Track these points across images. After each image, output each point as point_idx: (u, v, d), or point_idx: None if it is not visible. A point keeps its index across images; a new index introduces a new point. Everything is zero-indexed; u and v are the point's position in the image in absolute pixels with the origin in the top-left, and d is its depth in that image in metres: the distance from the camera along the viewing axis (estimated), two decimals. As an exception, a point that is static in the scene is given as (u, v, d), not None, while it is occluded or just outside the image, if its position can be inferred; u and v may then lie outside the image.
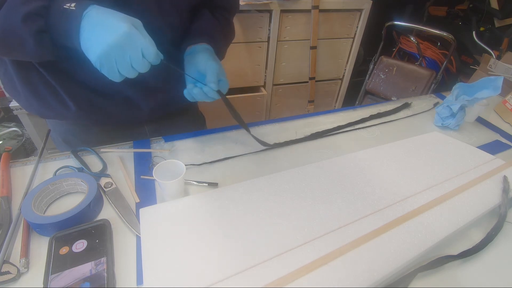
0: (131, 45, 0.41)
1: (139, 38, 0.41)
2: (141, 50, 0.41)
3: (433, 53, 2.11)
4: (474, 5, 2.18)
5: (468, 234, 0.50)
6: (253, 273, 0.39)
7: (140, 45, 0.41)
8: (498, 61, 1.21)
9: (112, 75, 0.43)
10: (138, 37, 0.41)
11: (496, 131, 0.81)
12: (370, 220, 0.47)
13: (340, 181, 0.56)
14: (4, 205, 0.47)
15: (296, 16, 1.52)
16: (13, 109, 1.27)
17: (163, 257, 0.40)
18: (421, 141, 0.71)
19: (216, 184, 0.55)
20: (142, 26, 0.43)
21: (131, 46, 0.41)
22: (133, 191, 0.53)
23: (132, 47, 0.41)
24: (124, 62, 0.41)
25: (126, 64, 0.42)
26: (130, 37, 0.40)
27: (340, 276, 0.39)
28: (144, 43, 0.41)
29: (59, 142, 0.69)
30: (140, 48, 0.41)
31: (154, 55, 0.43)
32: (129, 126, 0.68)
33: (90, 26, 0.40)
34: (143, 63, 0.43)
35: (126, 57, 0.41)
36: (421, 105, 0.91)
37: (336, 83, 1.92)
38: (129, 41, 0.40)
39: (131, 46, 0.41)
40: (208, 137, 0.69)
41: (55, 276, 0.37)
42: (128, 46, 0.40)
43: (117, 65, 0.41)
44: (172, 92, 0.64)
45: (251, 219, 0.47)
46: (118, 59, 0.41)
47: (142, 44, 0.41)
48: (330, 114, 0.82)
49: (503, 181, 0.57)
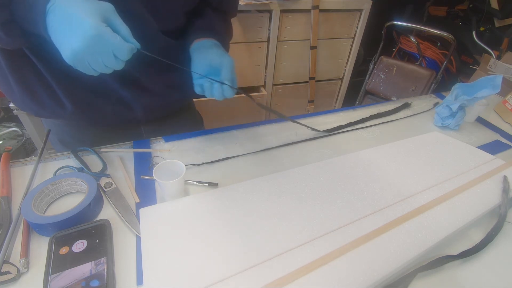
0: (100, 49, 0.38)
1: (108, 39, 0.38)
2: (112, 52, 0.39)
3: (433, 53, 2.11)
4: (474, 5, 2.18)
5: (468, 234, 0.50)
6: (253, 273, 0.39)
7: (110, 47, 0.39)
8: (498, 61, 1.21)
9: (88, 72, 0.41)
10: (107, 39, 0.38)
11: (496, 131, 0.81)
12: (370, 220, 0.47)
13: (340, 181, 0.56)
14: (4, 205, 0.47)
15: (296, 16, 1.52)
16: (13, 109, 1.27)
17: (163, 257, 0.40)
18: (421, 141, 0.71)
19: (216, 184, 0.55)
20: (114, 12, 0.40)
21: (100, 50, 0.39)
22: (133, 191, 0.53)
23: (102, 51, 0.39)
24: (96, 63, 0.40)
25: (99, 64, 0.40)
26: (98, 40, 0.37)
27: (340, 276, 0.39)
28: (114, 44, 0.39)
29: (55, 142, 0.69)
30: (111, 50, 0.39)
31: (127, 52, 0.41)
32: (124, 127, 0.68)
33: (56, 20, 0.38)
34: (117, 62, 0.41)
35: (98, 59, 0.39)
36: (421, 105, 0.91)
37: (336, 83, 1.92)
38: (97, 45, 0.38)
39: (100, 50, 0.38)
40: (208, 137, 0.69)
41: (55, 276, 0.37)
42: (97, 51, 0.38)
43: (91, 65, 0.40)
44: (167, 92, 0.64)
45: (251, 219, 0.46)
46: (90, 61, 0.39)
47: (112, 45, 0.39)
48: (330, 114, 0.82)
49: (503, 181, 0.57)
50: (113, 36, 0.39)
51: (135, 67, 0.55)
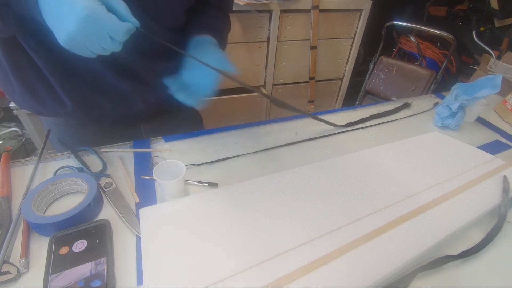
0: (95, 30, 0.37)
1: (102, 20, 0.37)
2: (107, 33, 0.38)
3: (433, 53, 2.11)
4: (474, 5, 2.18)
5: (468, 234, 0.50)
6: (253, 273, 0.39)
7: (105, 27, 0.37)
8: (498, 61, 1.21)
9: (85, 54, 0.40)
10: (101, 19, 0.37)
11: (496, 131, 0.81)
12: (370, 220, 0.47)
13: (340, 181, 0.56)
14: (4, 205, 0.47)
15: (296, 16, 1.52)
16: (13, 109, 1.27)
17: (163, 257, 0.40)
18: (421, 141, 0.71)
19: (216, 184, 0.55)
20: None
21: (95, 31, 0.37)
22: (133, 191, 0.53)
23: (97, 33, 0.37)
24: (93, 45, 0.38)
25: (95, 46, 0.39)
26: (91, 21, 0.36)
27: (340, 276, 0.39)
28: (108, 24, 0.37)
29: (55, 142, 0.69)
30: (106, 31, 0.38)
31: (124, 33, 0.39)
32: (124, 124, 0.68)
33: (49, 2, 0.37)
34: (114, 44, 0.40)
35: (94, 41, 0.38)
36: (421, 105, 0.91)
37: (336, 83, 1.92)
38: (91, 26, 0.36)
39: (95, 31, 0.37)
40: (208, 137, 0.69)
41: (55, 276, 0.37)
42: (92, 32, 0.37)
43: (87, 47, 0.39)
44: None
45: (251, 219, 0.46)
46: (86, 43, 0.38)
47: (107, 26, 0.37)
48: (330, 114, 0.82)
49: (503, 181, 0.57)
50: (107, 16, 0.37)
51: (134, 59, 0.55)
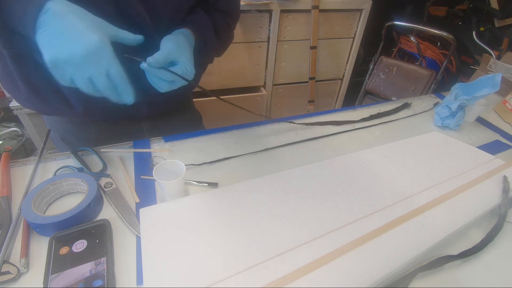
0: (96, 62, 0.36)
1: (108, 56, 0.37)
2: (105, 71, 0.37)
3: (433, 53, 2.11)
4: (474, 5, 2.19)
5: (468, 234, 0.50)
6: (253, 273, 0.39)
7: (106, 64, 0.37)
8: (498, 61, 1.21)
9: (63, 82, 0.38)
10: (108, 55, 0.37)
11: (496, 131, 0.81)
12: (370, 220, 0.47)
13: (340, 181, 0.55)
14: (4, 205, 0.47)
15: (296, 16, 1.52)
16: (13, 109, 1.27)
17: (163, 257, 0.40)
18: (421, 141, 0.71)
19: (216, 184, 0.55)
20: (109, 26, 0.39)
21: (95, 64, 0.36)
22: (133, 191, 0.53)
23: (97, 66, 0.37)
24: (81, 76, 0.37)
25: (82, 78, 0.37)
26: (98, 52, 0.36)
27: (340, 276, 0.39)
28: (112, 64, 0.37)
29: (57, 141, 0.69)
30: (106, 68, 0.37)
31: (125, 94, 0.40)
32: (127, 123, 0.68)
33: (52, 26, 0.36)
34: (106, 83, 0.39)
35: (86, 72, 0.37)
36: (421, 105, 0.91)
37: (336, 83, 1.92)
38: (95, 57, 0.36)
39: (96, 64, 0.36)
40: (208, 137, 0.69)
41: (55, 276, 0.37)
42: (92, 63, 0.36)
43: (74, 78, 0.38)
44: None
45: (251, 219, 0.46)
46: (77, 72, 0.37)
47: (109, 64, 0.37)
48: (330, 114, 0.82)
49: (503, 181, 0.57)
50: (112, 55, 0.37)
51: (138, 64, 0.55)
